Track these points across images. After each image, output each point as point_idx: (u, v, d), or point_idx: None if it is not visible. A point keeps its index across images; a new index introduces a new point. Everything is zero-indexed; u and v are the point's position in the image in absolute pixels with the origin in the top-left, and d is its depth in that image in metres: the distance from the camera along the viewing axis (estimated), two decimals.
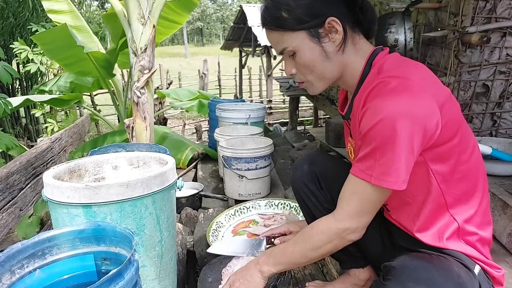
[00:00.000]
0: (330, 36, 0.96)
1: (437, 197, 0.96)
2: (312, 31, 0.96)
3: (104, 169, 1.38)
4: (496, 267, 1.00)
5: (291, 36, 0.97)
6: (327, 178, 1.22)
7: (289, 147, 3.67)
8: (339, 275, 1.42)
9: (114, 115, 8.93)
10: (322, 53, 0.98)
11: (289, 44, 0.99)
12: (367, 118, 0.89)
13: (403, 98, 0.86)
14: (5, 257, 0.80)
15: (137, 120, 2.14)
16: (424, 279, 0.85)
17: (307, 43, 0.97)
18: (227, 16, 56.14)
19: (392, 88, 0.88)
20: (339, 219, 0.98)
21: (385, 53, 1.01)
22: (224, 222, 1.88)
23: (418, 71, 0.94)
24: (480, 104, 2.37)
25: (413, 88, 0.87)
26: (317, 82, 1.04)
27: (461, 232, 0.98)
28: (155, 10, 2.10)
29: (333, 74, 1.02)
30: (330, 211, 1.20)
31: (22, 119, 6.50)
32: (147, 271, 1.18)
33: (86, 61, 3.47)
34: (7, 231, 1.66)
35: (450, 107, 0.92)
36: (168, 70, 14.92)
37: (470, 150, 0.96)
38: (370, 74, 0.98)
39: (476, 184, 0.98)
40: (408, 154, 0.86)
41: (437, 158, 0.92)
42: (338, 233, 0.98)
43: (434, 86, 0.93)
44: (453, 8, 2.23)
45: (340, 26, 0.95)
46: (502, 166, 1.86)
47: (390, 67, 0.95)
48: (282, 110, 12.17)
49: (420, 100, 0.86)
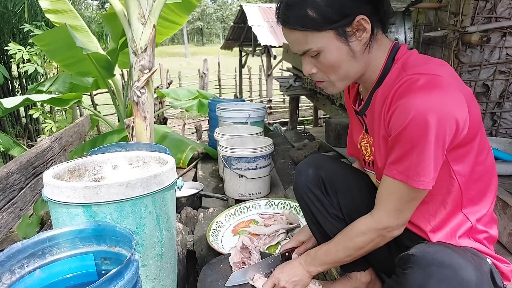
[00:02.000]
0: (357, 34, 0.94)
1: (456, 198, 0.96)
2: (340, 30, 0.92)
3: (104, 168, 1.38)
4: (505, 261, 1.01)
5: (317, 36, 0.93)
6: (334, 182, 1.20)
7: (289, 146, 3.67)
8: (339, 276, 1.41)
9: (114, 115, 8.93)
10: (349, 52, 0.95)
11: (314, 44, 0.94)
12: (398, 117, 0.88)
13: (434, 95, 0.84)
14: (5, 256, 0.80)
15: (137, 119, 2.14)
16: (447, 262, 0.85)
17: (335, 43, 0.93)
18: (227, 15, 56.12)
19: (422, 85, 0.87)
20: (377, 220, 0.99)
21: (405, 48, 0.99)
22: (224, 222, 1.88)
23: (444, 68, 0.92)
24: (480, 104, 2.37)
25: (443, 84, 0.86)
26: (340, 82, 1.01)
27: (473, 231, 0.98)
28: (155, 9, 2.10)
29: (357, 74, 1.00)
30: (336, 217, 1.20)
31: (22, 119, 6.51)
32: (147, 271, 1.17)
33: (86, 61, 3.47)
34: (7, 230, 1.66)
35: (474, 106, 0.92)
36: (168, 69, 14.90)
37: (486, 151, 0.97)
38: (393, 69, 0.97)
39: (489, 184, 0.99)
40: (440, 152, 0.86)
41: (459, 158, 0.92)
42: (379, 232, 0.99)
43: (460, 83, 0.92)
44: (453, 8, 2.23)
45: (369, 24, 0.92)
46: (502, 166, 1.86)
47: (416, 63, 0.94)
48: (282, 110, 12.17)
49: (451, 96, 0.85)
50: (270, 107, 11.51)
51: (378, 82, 1.00)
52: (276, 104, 12.94)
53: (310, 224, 1.29)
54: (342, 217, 1.20)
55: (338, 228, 1.18)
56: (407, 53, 0.98)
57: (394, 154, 0.92)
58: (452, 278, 0.83)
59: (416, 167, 0.87)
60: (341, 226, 1.17)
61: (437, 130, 0.83)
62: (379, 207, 0.99)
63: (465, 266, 0.85)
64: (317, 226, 1.25)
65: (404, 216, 0.97)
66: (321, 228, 1.23)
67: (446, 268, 0.84)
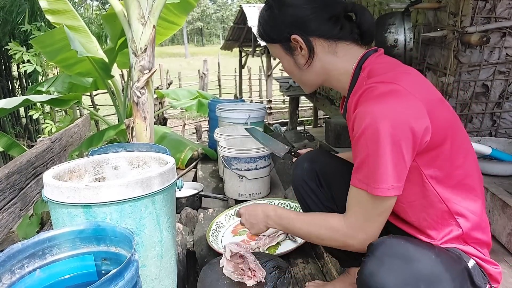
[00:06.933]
0: (299, 50, 1.04)
1: (436, 203, 0.96)
2: (284, 45, 1.06)
3: (104, 169, 1.38)
4: (493, 263, 1.00)
5: (271, 46, 1.10)
6: (328, 175, 1.22)
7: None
8: (339, 275, 1.42)
9: (114, 115, 8.93)
10: (295, 64, 1.08)
11: (272, 52, 1.11)
12: (356, 125, 0.91)
13: (388, 103, 0.87)
14: (5, 257, 0.80)
15: (137, 120, 2.14)
16: (400, 253, 0.87)
17: (283, 54, 1.08)
18: (227, 16, 56.12)
19: (378, 94, 0.89)
20: (348, 226, 0.98)
21: (376, 56, 1.01)
22: (224, 222, 1.88)
23: (407, 76, 0.94)
24: (479, 104, 2.37)
25: (399, 93, 0.88)
26: (302, 85, 1.15)
27: (464, 237, 0.98)
28: (155, 10, 2.10)
29: (312, 81, 1.10)
30: (330, 209, 1.21)
31: (22, 119, 6.51)
32: (147, 271, 1.18)
33: (85, 62, 3.47)
34: (7, 231, 1.66)
35: (441, 111, 0.93)
36: (168, 70, 14.92)
37: (463, 154, 0.96)
38: (360, 78, 0.99)
39: (475, 188, 0.98)
40: (397, 159, 0.86)
41: (430, 162, 0.92)
42: (345, 238, 0.99)
43: (423, 90, 0.93)
44: (453, 8, 2.23)
45: (303, 43, 1.01)
46: (502, 166, 1.86)
47: (379, 71, 0.96)
48: (282, 110, 12.17)
49: (406, 104, 0.87)
50: (270, 107, 11.51)
51: (349, 90, 1.03)
52: (276, 105, 12.95)
53: None
54: (336, 210, 1.21)
55: None
56: (376, 60, 1.00)
57: (356, 162, 0.93)
58: (402, 269, 0.84)
59: (373, 174, 0.88)
60: None
61: (391, 137, 0.84)
62: (349, 215, 0.98)
63: (420, 259, 0.86)
64: None
65: (373, 229, 0.95)
66: None
67: (399, 259, 0.86)
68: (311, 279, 1.45)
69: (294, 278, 1.46)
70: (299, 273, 1.50)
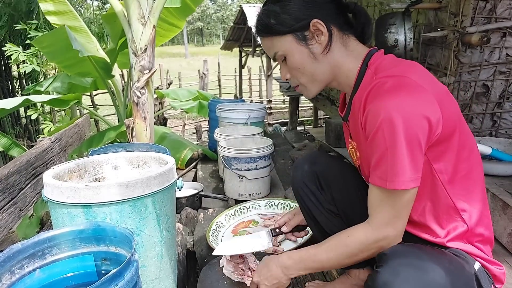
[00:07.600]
0: (316, 38, 1.01)
1: (443, 198, 0.96)
2: (298, 34, 1.01)
3: (104, 169, 1.38)
4: (497, 264, 1.00)
5: (279, 40, 1.03)
6: (328, 178, 1.22)
7: (289, 147, 3.67)
8: (339, 275, 1.41)
9: (114, 115, 8.93)
10: (310, 55, 1.02)
11: (279, 48, 1.04)
12: (369, 122, 0.90)
13: (400, 96, 0.86)
14: (5, 257, 0.80)
15: (137, 120, 2.14)
16: (415, 263, 0.86)
17: (296, 46, 1.02)
18: (227, 16, 56.13)
19: (389, 87, 0.89)
20: (376, 228, 0.96)
21: (380, 54, 1.02)
22: (224, 222, 1.88)
23: (414, 69, 0.95)
24: (480, 104, 2.37)
25: (410, 85, 0.88)
26: (310, 84, 1.07)
27: (468, 233, 0.98)
28: (155, 10, 2.10)
29: (324, 76, 1.05)
30: (331, 212, 1.21)
31: (22, 119, 6.51)
32: (147, 271, 1.17)
33: (85, 62, 3.47)
34: (7, 231, 1.66)
35: (449, 103, 0.93)
36: (168, 70, 14.92)
37: (469, 147, 0.96)
38: (367, 74, 0.99)
39: (479, 183, 0.99)
40: (414, 150, 0.86)
41: (438, 156, 0.93)
42: (377, 242, 0.96)
43: (431, 83, 0.93)
44: (453, 8, 2.23)
45: (324, 27, 0.99)
46: (502, 166, 1.86)
47: (386, 66, 0.96)
48: (282, 110, 12.17)
49: (417, 95, 0.87)
50: (270, 107, 11.50)
51: (355, 88, 1.02)
52: (276, 105, 12.94)
53: (307, 218, 1.31)
54: (337, 212, 1.21)
55: (333, 224, 1.19)
56: (382, 58, 1.00)
57: (373, 160, 0.92)
58: (417, 279, 0.83)
59: (392, 169, 0.87)
60: (337, 222, 1.19)
61: (406, 129, 0.84)
62: (374, 216, 0.96)
63: (434, 269, 0.85)
64: (314, 221, 1.27)
65: (401, 223, 0.95)
66: (317, 223, 1.25)
67: (413, 269, 0.85)
68: (311, 279, 1.44)
69: (294, 278, 1.46)
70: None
